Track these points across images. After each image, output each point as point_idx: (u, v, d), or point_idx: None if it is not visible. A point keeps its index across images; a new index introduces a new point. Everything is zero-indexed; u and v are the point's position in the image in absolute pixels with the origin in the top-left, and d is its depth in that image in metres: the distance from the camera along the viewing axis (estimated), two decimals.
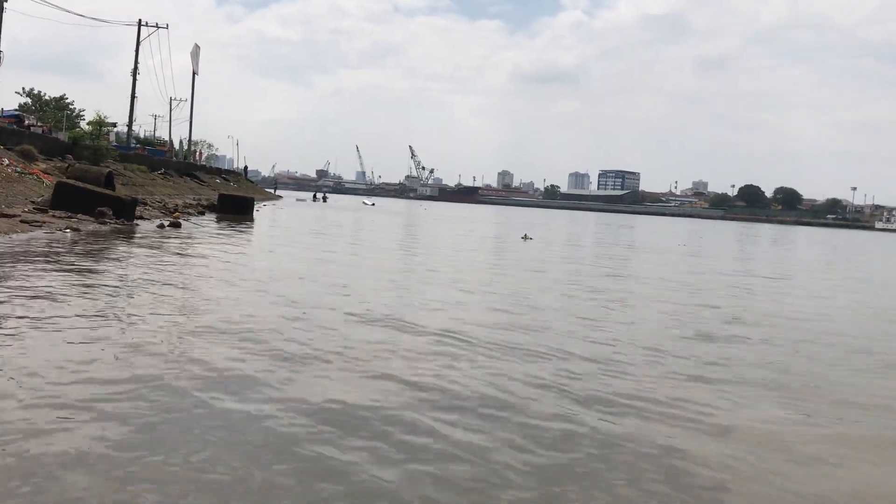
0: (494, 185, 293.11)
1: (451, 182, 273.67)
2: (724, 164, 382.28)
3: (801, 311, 12.38)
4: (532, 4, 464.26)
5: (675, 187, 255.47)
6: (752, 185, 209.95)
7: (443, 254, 20.62)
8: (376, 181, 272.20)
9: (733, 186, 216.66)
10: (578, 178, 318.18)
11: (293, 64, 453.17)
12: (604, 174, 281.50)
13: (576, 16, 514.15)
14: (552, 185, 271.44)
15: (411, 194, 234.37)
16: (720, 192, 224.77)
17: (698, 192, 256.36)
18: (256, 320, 7.92)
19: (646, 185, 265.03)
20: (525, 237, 30.60)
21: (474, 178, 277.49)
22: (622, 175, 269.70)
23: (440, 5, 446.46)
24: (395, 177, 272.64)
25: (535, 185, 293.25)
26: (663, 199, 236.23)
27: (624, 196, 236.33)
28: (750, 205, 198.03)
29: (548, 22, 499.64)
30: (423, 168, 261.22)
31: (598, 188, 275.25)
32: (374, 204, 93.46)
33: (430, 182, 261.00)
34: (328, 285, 11.50)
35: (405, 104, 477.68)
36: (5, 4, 35.14)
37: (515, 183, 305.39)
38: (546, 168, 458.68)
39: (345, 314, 8.73)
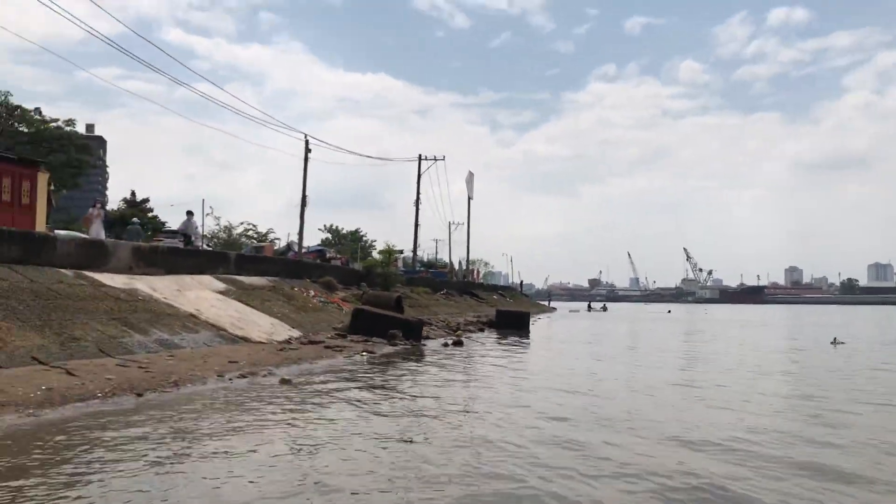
0: (781, 282, 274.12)
1: (732, 282, 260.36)
2: None
3: None
4: (812, 91, 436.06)
5: None
6: None
7: (748, 376, 19.27)
8: (651, 286, 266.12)
9: None
10: (879, 269, 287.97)
11: (562, 177, 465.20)
12: None
13: (863, 97, 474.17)
14: (849, 279, 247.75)
15: (689, 298, 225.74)
16: None
17: None
18: (541, 434, 7.98)
19: None
20: (835, 342, 27.39)
21: (758, 276, 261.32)
22: None
23: (711, 104, 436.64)
24: (671, 281, 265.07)
25: (829, 280, 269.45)
26: None
27: None
28: None
29: (831, 107, 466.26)
30: (701, 270, 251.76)
31: None
32: (604, 308, 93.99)
33: (708, 284, 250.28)
34: (607, 404, 11.30)
35: (677, 206, 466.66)
36: (309, 155, 40.19)
37: (806, 279, 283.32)
38: (840, 261, 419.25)
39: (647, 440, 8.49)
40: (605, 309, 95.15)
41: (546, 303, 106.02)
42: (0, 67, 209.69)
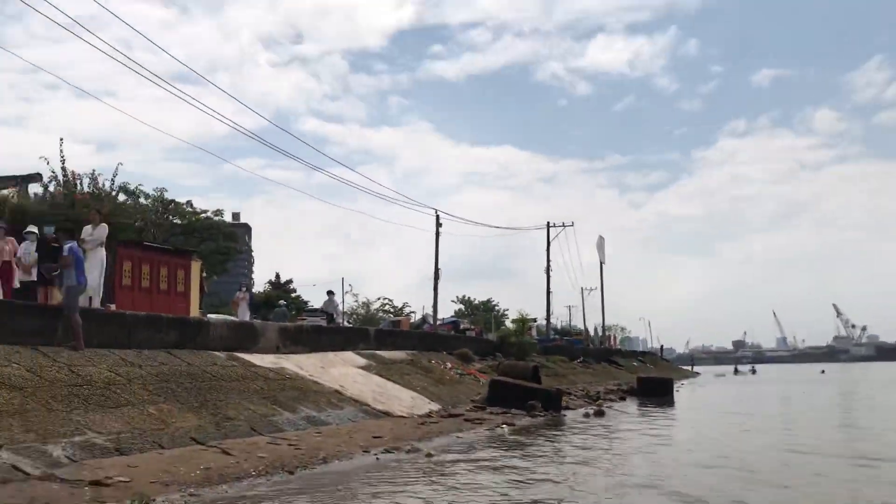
0: None
1: (889, 338, 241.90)
2: None
3: None
4: None
5: None
6: None
7: None
8: (800, 346, 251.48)
9: None
10: None
11: (697, 237, 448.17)
12: None
13: None
14: None
15: (842, 356, 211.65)
16: None
17: None
18: None
19: None
20: None
21: None
22: None
23: (851, 152, 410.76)
24: (821, 339, 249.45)
25: None
26: None
27: None
28: None
29: None
30: (853, 326, 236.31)
31: None
32: (753, 370, 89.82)
33: (863, 341, 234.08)
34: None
35: (823, 260, 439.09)
36: (440, 229, 41.05)
37: None
38: None
39: None
40: (753, 371, 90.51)
41: (689, 367, 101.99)
42: (155, 166, 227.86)
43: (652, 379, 35.73)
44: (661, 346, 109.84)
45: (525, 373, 24.88)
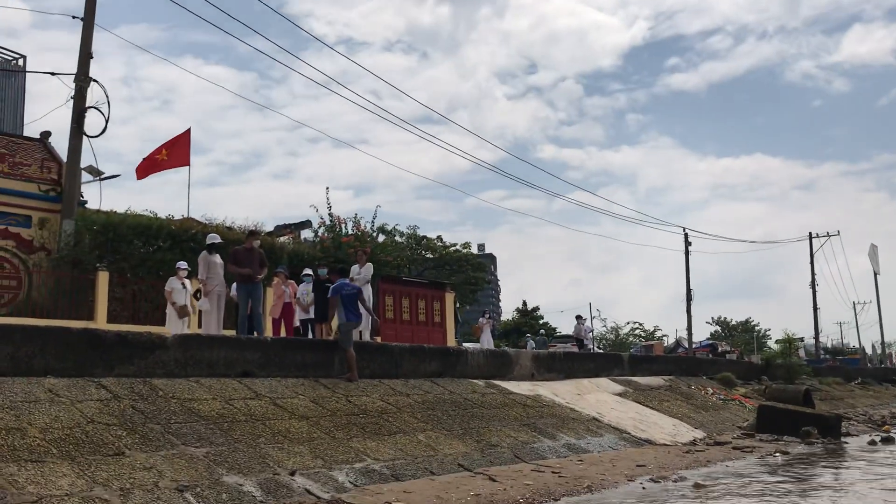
0: None
1: None
2: None
3: None
4: None
5: None
6: None
7: None
8: None
9: None
10: None
11: None
12: None
13: None
14: None
15: None
16: None
17: None
18: None
19: None
20: None
21: None
22: None
23: None
24: None
25: None
26: None
27: None
28: None
29: None
30: None
31: None
32: None
33: None
34: None
35: None
36: (689, 248, 39.56)
37: None
38: None
39: None
40: None
41: None
42: (405, 204, 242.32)
43: None
44: None
45: (796, 397, 23.26)
